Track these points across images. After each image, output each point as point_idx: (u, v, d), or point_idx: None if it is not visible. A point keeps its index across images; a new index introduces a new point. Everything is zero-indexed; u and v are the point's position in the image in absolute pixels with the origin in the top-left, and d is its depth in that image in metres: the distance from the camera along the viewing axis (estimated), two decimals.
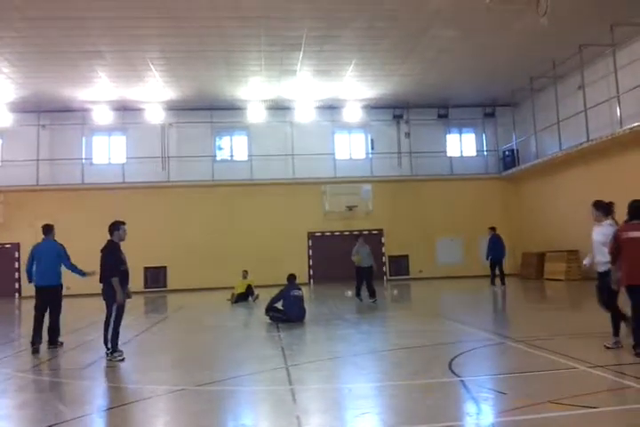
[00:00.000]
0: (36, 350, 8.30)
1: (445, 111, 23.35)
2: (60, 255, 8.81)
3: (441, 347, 7.70)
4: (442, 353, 7.21)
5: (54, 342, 8.75)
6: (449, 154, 23.95)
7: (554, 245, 19.72)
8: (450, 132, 24.17)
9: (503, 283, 16.93)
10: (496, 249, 17.21)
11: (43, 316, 8.70)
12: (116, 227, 7.86)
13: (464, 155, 24.22)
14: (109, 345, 7.52)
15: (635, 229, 6.53)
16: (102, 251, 7.75)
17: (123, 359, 7.44)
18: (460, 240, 22.63)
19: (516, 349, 7.25)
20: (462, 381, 5.72)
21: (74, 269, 8.94)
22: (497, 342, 7.87)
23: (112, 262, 7.61)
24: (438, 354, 7.17)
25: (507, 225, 21.91)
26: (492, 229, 17.64)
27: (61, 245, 9.00)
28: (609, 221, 7.10)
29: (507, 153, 23.16)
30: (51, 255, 8.69)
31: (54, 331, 8.79)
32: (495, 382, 5.68)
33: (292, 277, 11.41)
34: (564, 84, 19.10)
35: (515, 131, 22.42)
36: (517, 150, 22.61)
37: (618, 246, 6.57)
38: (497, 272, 17.16)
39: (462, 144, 24.42)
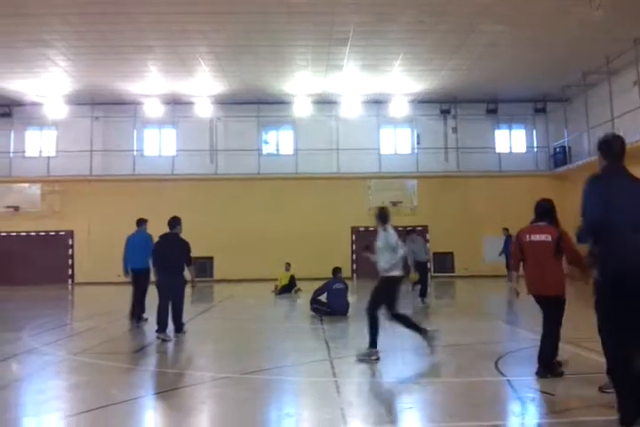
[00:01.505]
0: (136, 320, 9.91)
1: (494, 106, 22.92)
2: (146, 244, 9.86)
3: (487, 346, 7.61)
4: (488, 352, 7.12)
5: (139, 318, 10.01)
6: (497, 150, 23.50)
7: None
8: (499, 128, 23.67)
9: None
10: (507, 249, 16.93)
11: (138, 292, 10.10)
12: (178, 222, 8.78)
13: (513, 151, 23.75)
14: (184, 327, 8.59)
15: (538, 231, 5.82)
16: (172, 242, 8.60)
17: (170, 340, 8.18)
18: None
19: (565, 350, 7.08)
20: (508, 380, 5.66)
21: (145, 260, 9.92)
22: None
23: (189, 253, 8.63)
24: (484, 352, 7.08)
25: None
26: (506, 229, 17.35)
27: (149, 235, 10.19)
28: (382, 228, 7.08)
29: (558, 150, 22.55)
30: (140, 244, 10.04)
31: (138, 308, 10.07)
32: (542, 383, 5.57)
33: (336, 271, 11.43)
34: (619, 79, 18.43)
35: (566, 127, 21.78)
36: (569, 147, 21.99)
37: (521, 250, 5.88)
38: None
39: (512, 140, 23.93)
